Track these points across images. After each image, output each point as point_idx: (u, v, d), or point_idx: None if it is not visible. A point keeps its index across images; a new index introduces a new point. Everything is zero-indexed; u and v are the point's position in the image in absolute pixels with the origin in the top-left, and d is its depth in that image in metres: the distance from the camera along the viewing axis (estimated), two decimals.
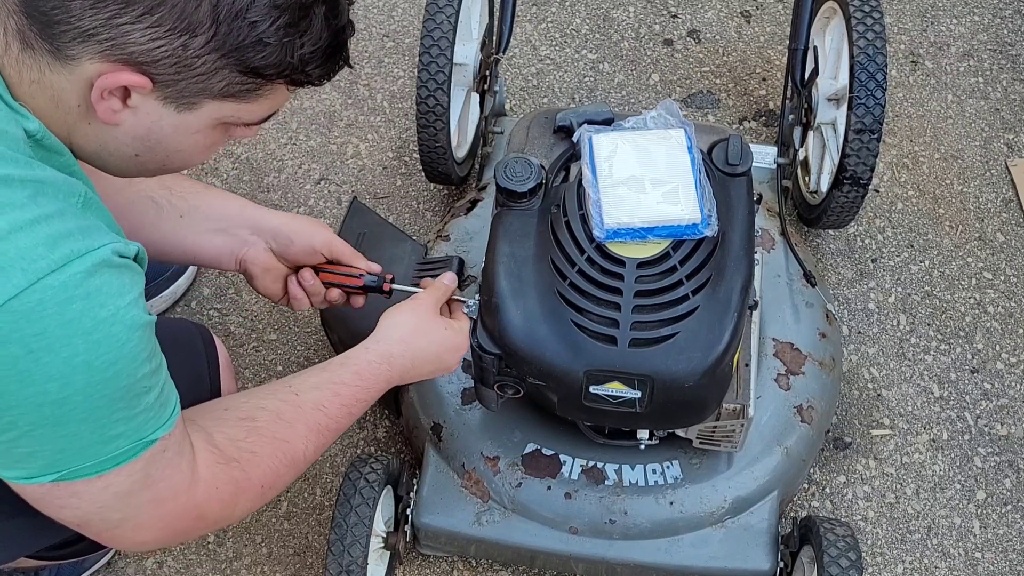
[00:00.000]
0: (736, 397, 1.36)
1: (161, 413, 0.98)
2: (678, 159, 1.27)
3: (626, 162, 1.26)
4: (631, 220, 1.21)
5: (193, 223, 1.33)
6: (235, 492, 1.09)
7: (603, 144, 1.28)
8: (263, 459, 1.11)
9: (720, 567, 1.46)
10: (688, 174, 1.25)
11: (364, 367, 1.21)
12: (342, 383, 1.19)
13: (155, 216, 1.31)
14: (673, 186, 1.24)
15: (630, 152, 1.27)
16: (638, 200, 1.23)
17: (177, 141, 1.00)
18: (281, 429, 1.13)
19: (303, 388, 1.17)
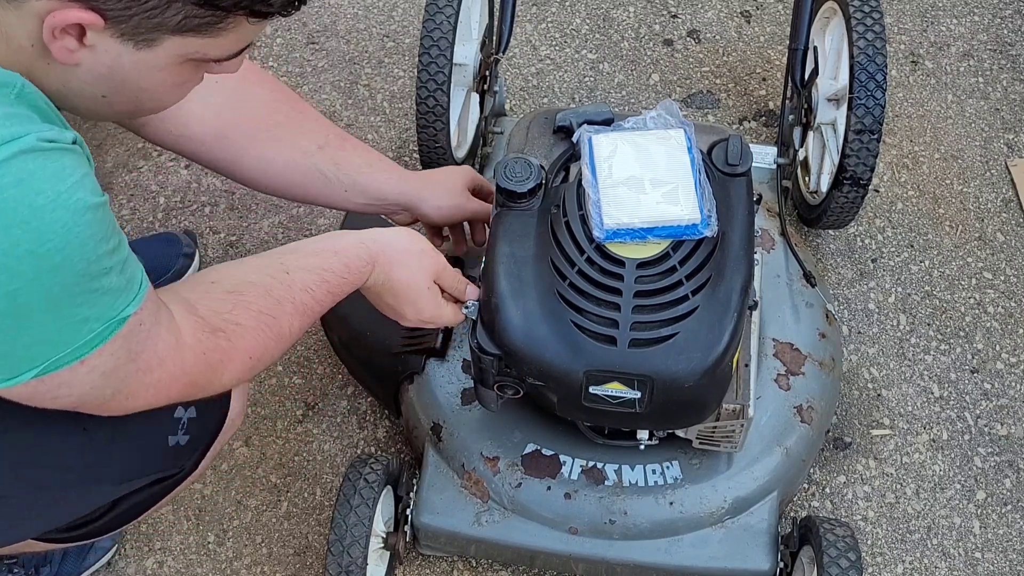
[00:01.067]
0: (736, 397, 1.36)
1: (128, 290, 0.98)
2: (678, 159, 1.27)
3: (626, 162, 1.26)
4: (631, 220, 1.21)
5: (354, 196, 1.48)
6: (222, 359, 1.10)
7: (603, 144, 1.28)
8: (249, 331, 1.12)
9: (720, 567, 1.46)
10: (688, 174, 1.25)
11: (354, 262, 1.23)
12: (331, 271, 1.21)
13: (324, 187, 1.46)
14: (673, 186, 1.24)
15: (630, 152, 1.27)
16: (638, 200, 1.23)
17: (141, 79, 0.97)
18: (269, 305, 1.14)
19: (294, 268, 1.18)
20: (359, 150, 1.50)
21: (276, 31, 2.29)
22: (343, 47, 2.27)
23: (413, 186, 1.50)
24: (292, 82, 2.20)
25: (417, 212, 1.51)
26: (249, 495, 1.69)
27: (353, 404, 1.79)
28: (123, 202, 2.03)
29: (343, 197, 1.48)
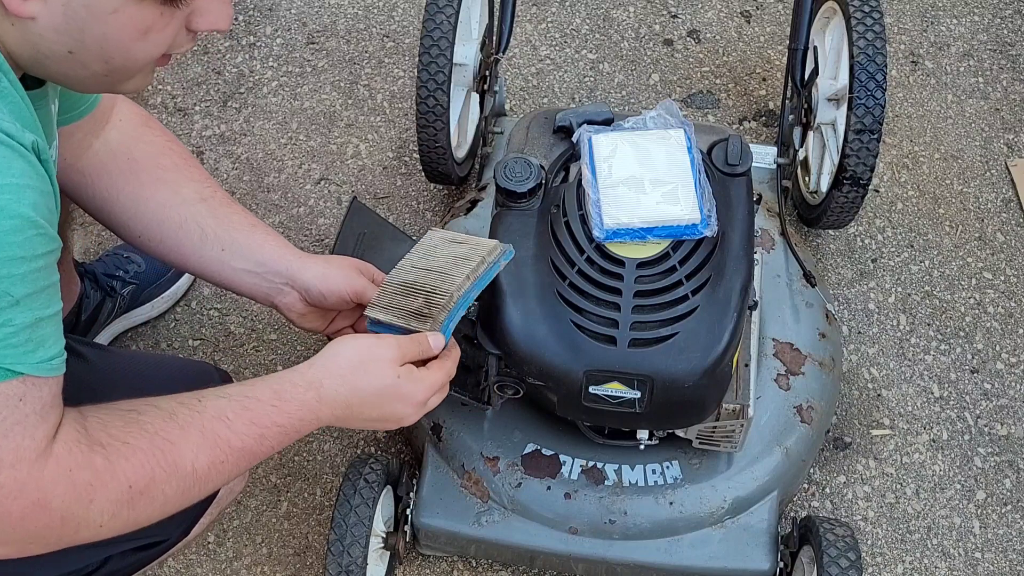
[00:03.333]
0: (736, 397, 1.36)
1: (29, 349, 0.89)
2: (678, 159, 1.27)
3: (626, 162, 1.26)
4: (630, 220, 1.21)
5: (231, 259, 1.32)
6: (92, 482, 0.94)
7: (603, 144, 1.28)
8: (136, 453, 0.97)
9: (720, 567, 1.46)
10: (688, 174, 1.25)
11: (287, 388, 1.07)
12: (255, 398, 1.05)
13: (200, 244, 1.31)
14: (673, 186, 1.24)
15: (630, 152, 1.27)
16: (637, 200, 1.23)
17: (99, 26, 0.90)
18: (169, 429, 0.99)
19: (209, 396, 1.04)
20: (243, 213, 1.36)
21: (276, 31, 2.29)
22: (343, 47, 2.27)
23: (298, 257, 1.35)
24: (292, 82, 2.20)
25: (299, 283, 1.33)
26: (249, 495, 1.69)
27: None
28: None
29: (218, 258, 1.32)
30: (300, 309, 1.35)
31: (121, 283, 1.80)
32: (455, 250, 1.23)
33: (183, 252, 1.32)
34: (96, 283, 1.77)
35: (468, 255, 1.21)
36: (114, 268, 1.81)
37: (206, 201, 1.31)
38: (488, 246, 1.21)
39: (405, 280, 1.22)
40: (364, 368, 1.11)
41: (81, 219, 1.96)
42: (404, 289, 1.21)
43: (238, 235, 1.32)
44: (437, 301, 1.18)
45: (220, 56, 2.25)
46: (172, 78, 2.22)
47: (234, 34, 2.28)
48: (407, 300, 1.20)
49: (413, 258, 1.25)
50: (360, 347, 1.12)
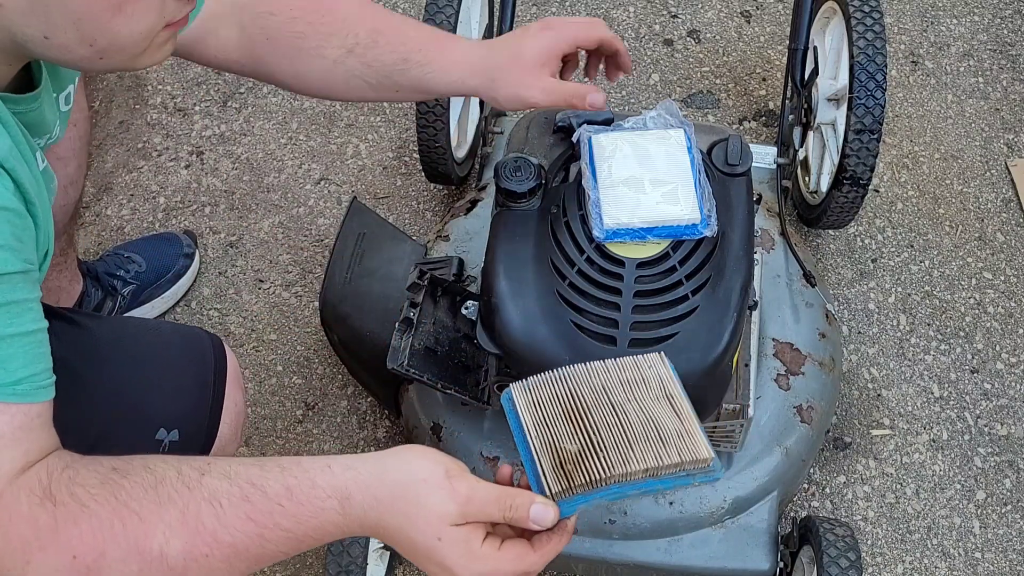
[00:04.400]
0: (736, 397, 1.36)
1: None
2: (677, 159, 1.27)
3: (625, 162, 1.26)
4: (630, 220, 1.21)
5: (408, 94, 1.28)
6: (31, 540, 0.82)
7: (602, 144, 1.28)
8: (89, 519, 0.82)
9: (720, 567, 1.46)
10: (687, 174, 1.25)
11: (304, 487, 0.87)
12: (261, 489, 0.86)
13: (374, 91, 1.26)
14: (672, 186, 1.24)
15: (629, 152, 1.27)
16: (637, 200, 1.23)
17: (62, 5, 0.83)
18: (143, 500, 0.84)
19: (215, 470, 0.87)
20: (395, 43, 1.24)
21: None
22: None
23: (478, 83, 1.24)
24: None
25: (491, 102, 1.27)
26: None
27: (353, 404, 1.79)
28: (123, 202, 2.03)
29: (398, 96, 1.29)
30: None
31: (122, 283, 1.81)
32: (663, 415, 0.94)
33: (367, 97, 1.28)
34: (98, 282, 1.78)
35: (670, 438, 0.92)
36: (115, 268, 1.81)
37: (353, 51, 1.23)
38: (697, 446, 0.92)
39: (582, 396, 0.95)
40: (405, 506, 0.87)
41: (81, 219, 1.97)
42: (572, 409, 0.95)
43: (398, 77, 1.24)
44: (591, 467, 0.90)
45: None
46: (172, 78, 2.22)
47: None
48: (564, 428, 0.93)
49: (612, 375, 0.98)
50: (416, 478, 0.87)
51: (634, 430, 0.92)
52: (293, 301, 1.91)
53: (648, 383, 0.97)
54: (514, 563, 0.88)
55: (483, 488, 0.88)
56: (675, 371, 0.99)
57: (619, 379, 0.97)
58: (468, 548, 0.86)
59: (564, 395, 0.95)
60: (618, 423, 0.92)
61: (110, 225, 2.00)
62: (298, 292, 1.92)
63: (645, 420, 0.93)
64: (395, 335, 1.36)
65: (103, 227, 2.00)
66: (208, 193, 2.04)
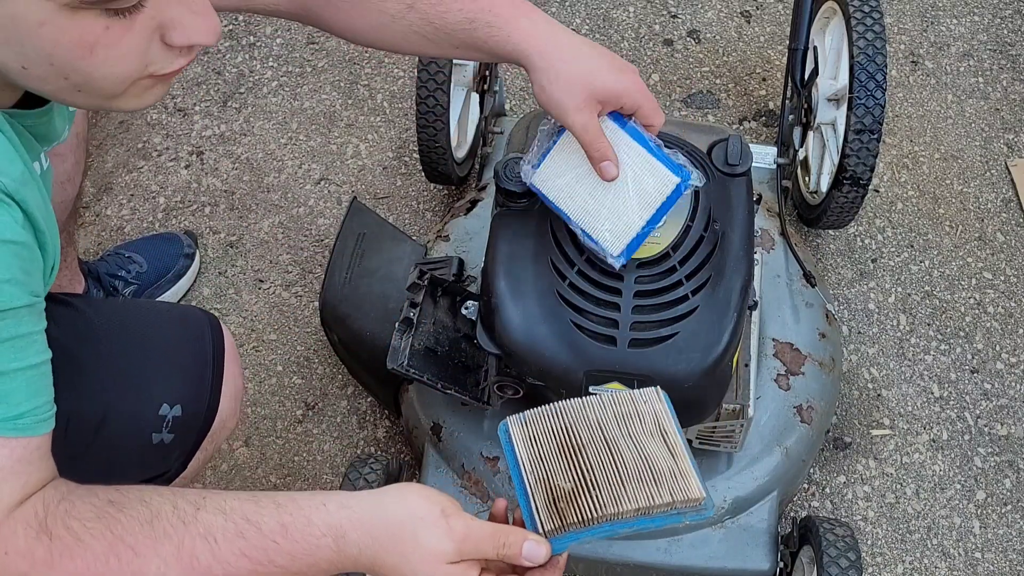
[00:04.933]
0: (736, 397, 1.36)
1: None
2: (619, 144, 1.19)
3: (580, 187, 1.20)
4: (629, 229, 1.19)
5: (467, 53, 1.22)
6: (27, 573, 0.84)
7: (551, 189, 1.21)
8: (85, 554, 0.84)
9: (720, 567, 1.46)
10: (637, 150, 1.18)
11: (300, 525, 0.87)
12: (256, 525, 0.87)
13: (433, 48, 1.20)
14: (635, 171, 1.18)
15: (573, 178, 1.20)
16: (618, 209, 1.19)
17: (33, 39, 0.80)
18: (139, 535, 0.85)
19: (210, 504, 0.88)
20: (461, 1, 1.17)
21: (276, 31, 2.29)
22: (343, 47, 2.26)
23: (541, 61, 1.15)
24: (292, 82, 2.20)
25: (542, 86, 1.16)
26: None
27: (353, 404, 1.79)
28: (123, 202, 2.03)
29: (456, 54, 1.22)
30: None
31: (123, 283, 1.81)
32: (657, 452, 0.95)
33: (426, 53, 1.23)
34: (99, 282, 1.78)
35: (663, 477, 0.93)
36: (116, 268, 1.82)
37: (415, 7, 1.17)
38: (690, 485, 0.93)
39: (577, 432, 0.97)
40: (401, 545, 0.88)
41: (81, 219, 1.97)
42: (567, 445, 0.96)
43: (462, 36, 1.17)
44: (583, 506, 0.91)
45: (220, 56, 2.25)
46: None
47: (234, 34, 2.28)
48: (558, 464, 0.95)
49: (607, 410, 0.99)
50: (413, 516, 0.89)
51: (627, 468, 0.93)
52: (293, 301, 1.91)
53: (643, 418, 0.98)
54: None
55: (478, 526, 0.90)
56: (671, 406, 1.00)
57: (614, 413, 0.98)
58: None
59: (560, 431, 0.96)
60: (612, 460, 0.93)
61: (110, 225, 2.00)
62: (298, 292, 1.92)
63: (638, 457, 0.94)
64: (395, 335, 1.36)
65: (103, 227, 2.00)
66: (208, 193, 2.04)
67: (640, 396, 1.00)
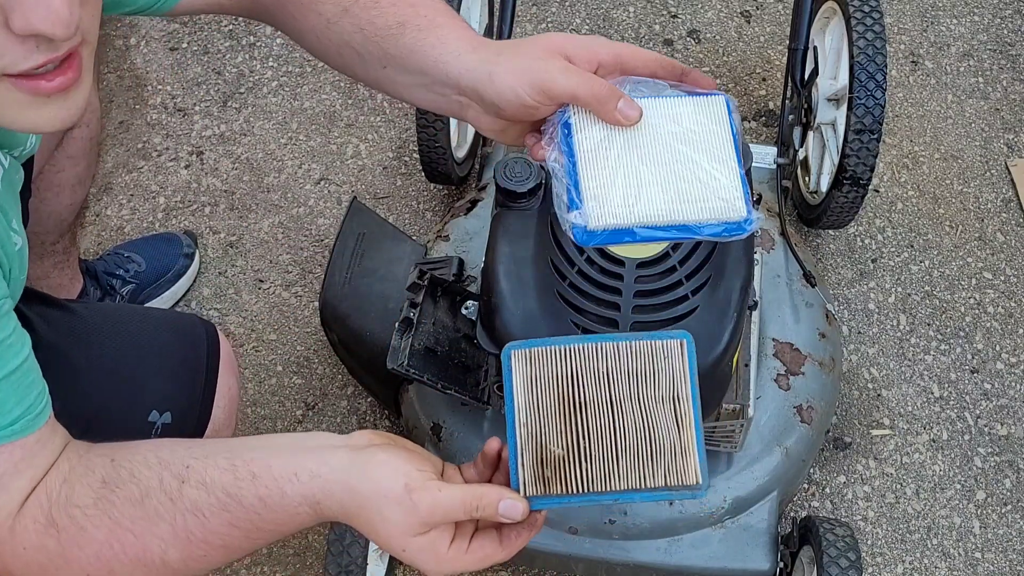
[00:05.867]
0: (736, 397, 1.36)
1: None
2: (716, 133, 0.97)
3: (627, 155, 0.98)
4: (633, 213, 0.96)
5: (396, 75, 1.06)
6: (47, 566, 0.87)
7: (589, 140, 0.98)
8: (91, 543, 0.87)
9: (720, 567, 1.46)
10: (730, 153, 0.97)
11: (275, 497, 0.88)
12: (237, 500, 0.88)
13: (363, 66, 1.08)
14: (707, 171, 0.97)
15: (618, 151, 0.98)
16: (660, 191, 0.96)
17: None
18: (135, 519, 0.87)
19: (194, 479, 0.89)
20: (399, 5, 1.04)
21: (276, 31, 2.29)
22: None
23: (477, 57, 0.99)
24: (292, 82, 2.20)
25: (483, 97, 0.99)
26: None
27: (353, 404, 1.79)
28: (123, 202, 2.03)
29: (386, 77, 1.07)
30: (490, 124, 1.03)
31: (121, 282, 1.81)
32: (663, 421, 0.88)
33: (357, 76, 1.10)
34: (97, 281, 1.78)
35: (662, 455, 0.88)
36: (114, 267, 1.82)
37: (349, 10, 1.06)
38: (689, 469, 0.88)
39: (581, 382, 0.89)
40: (368, 517, 0.88)
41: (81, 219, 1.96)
42: (568, 398, 0.89)
43: (390, 45, 1.03)
44: (571, 477, 0.86)
45: (220, 56, 2.25)
46: (172, 78, 2.22)
47: (234, 34, 2.28)
48: (554, 424, 0.88)
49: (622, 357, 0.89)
50: (379, 487, 0.87)
51: (626, 438, 0.87)
52: (293, 301, 1.91)
53: (657, 379, 0.89)
54: (482, 561, 0.90)
55: (445, 496, 0.87)
56: (693, 362, 0.89)
57: (628, 367, 0.89)
58: (435, 553, 0.88)
59: (564, 378, 0.89)
60: (611, 426, 0.87)
61: (110, 225, 2.00)
62: (298, 292, 1.92)
63: (641, 426, 0.87)
64: (395, 335, 1.36)
65: (103, 227, 2.00)
66: (208, 193, 2.04)
67: (662, 349, 0.89)
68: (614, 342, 0.89)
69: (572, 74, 0.95)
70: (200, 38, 2.28)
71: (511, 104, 0.97)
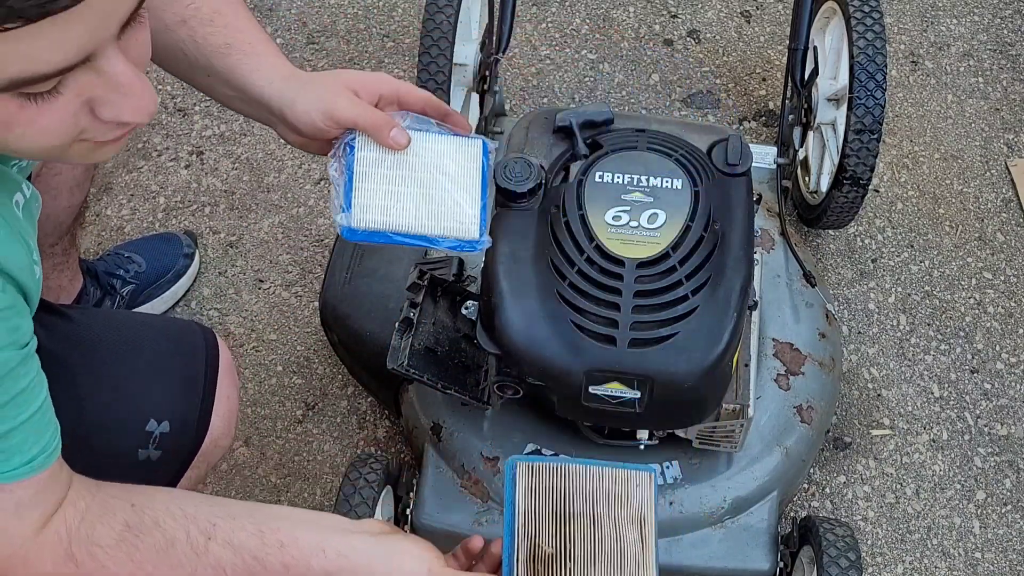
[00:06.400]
0: (736, 397, 1.36)
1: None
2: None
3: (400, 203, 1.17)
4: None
5: (217, 84, 1.19)
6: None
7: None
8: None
9: (720, 567, 1.46)
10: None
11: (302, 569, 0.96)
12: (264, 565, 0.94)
13: (189, 69, 1.18)
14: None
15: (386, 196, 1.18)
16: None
17: None
18: (157, 564, 0.91)
19: (221, 537, 0.94)
20: (230, 29, 1.17)
21: (276, 31, 2.29)
22: (343, 47, 2.27)
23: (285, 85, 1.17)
24: None
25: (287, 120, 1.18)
26: (249, 495, 1.69)
27: (353, 404, 1.79)
28: (123, 202, 2.03)
29: (208, 84, 1.19)
30: (294, 139, 1.20)
31: (121, 282, 1.80)
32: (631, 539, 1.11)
33: (181, 77, 1.21)
34: (97, 281, 1.78)
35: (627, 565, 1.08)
36: (115, 267, 1.82)
37: (186, 23, 1.15)
38: None
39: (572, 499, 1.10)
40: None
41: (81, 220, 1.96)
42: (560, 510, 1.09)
43: (216, 60, 1.16)
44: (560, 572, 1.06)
45: None
46: (172, 78, 2.21)
47: None
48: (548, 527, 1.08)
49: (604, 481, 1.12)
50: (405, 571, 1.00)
51: (603, 550, 1.06)
52: (293, 301, 1.91)
53: (630, 502, 1.10)
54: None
55: None
56: (656, 492, 1.11)
57: (607, 491, 1.09)
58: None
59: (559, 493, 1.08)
60: (592, 538, 1.06)
61: (110, 225, 2.00)
62: (298, 292, 1.92)
63: (615, 541, 1.07)
64: (395, 335, 1.36)
65: (103, 227, 2.00)
66: (208, 193, 2.04)
67: (634, 479, 1.11)
68: (599, 467, 1.10)
69: (356, 105, 1.15)
70: None
71: (307, 126, 1.16)
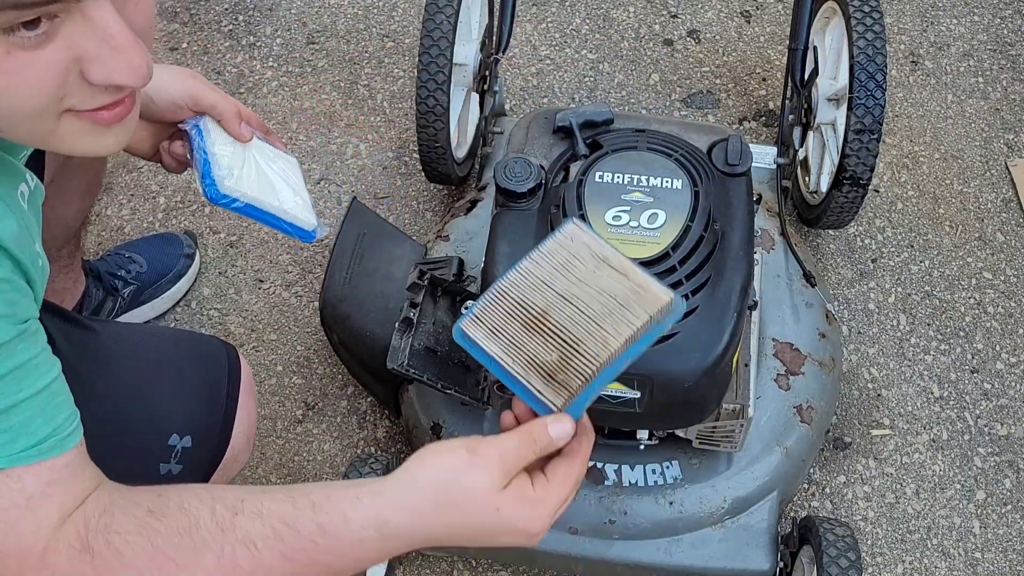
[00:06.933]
0: (736, 397, 1.36)
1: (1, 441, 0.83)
2: None
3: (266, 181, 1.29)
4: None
5: None
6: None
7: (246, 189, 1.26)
8: (128, 568, 0.85)
9: (720, 567, 1.46)
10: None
11: (337, 523, 0.86)
12: (293, 528, 0.86)
13: None
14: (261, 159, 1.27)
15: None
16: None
17: None
18: (179, 547, 0.85)
19: (249, 508, 0.87)
20: None
21: (276, 31, 2.29)
22: (343, 47, 2.27)
23: None
24: (292, 82, 2.20)
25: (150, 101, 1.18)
26: None
27: (353, 404, 1.79)
28: (123, 202, 2.03)
29: None
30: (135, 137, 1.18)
31: (123, 283, 1.81)
32: (609, 281, 0.92)
33: None
34: (99, 281, 1.78)
35: (628, 300, 0.91)
36: (116, 267, 1.82)
37: None
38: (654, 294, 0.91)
39: (531, 302, 0.91)
40: (452, 504, 0.86)
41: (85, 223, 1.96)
42: (529, 318, 0.91)
43: None
44: (578, 367, 0.88)
45: (220, 56, 2.25)
46: None
47: (234, 34, 2.28)
48: (533, 341, 0.90)
49: (544, 266, 0.93)
50: (445, 471, 0.87)
51: (595, 310, 0.90)
52: (293, 301, 1.91)
53: (580, 256, 0.93)
54: (566, 484, 0.89)
55: (506, 442, 0.88)
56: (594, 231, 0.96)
57: (552, 267, 0.93)
58: (526, 501, 0.87)
59: (515, 308, 0.92)
60: (577, 311, 0.90)
61: (110, 225, 2.00)
62: (298, 292, 1.92)
63: (598, 294, 0.91)
64: (395, 335, 1.36)
65: (103, 227, 2.00)
66: None
67: (565, 237, 0.95)
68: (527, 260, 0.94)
69: (215, 91, 1.21)
70: (200, 38, 2.28)
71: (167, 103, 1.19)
